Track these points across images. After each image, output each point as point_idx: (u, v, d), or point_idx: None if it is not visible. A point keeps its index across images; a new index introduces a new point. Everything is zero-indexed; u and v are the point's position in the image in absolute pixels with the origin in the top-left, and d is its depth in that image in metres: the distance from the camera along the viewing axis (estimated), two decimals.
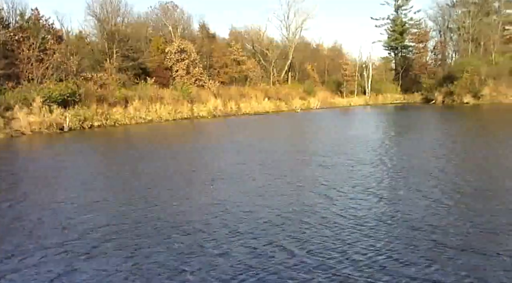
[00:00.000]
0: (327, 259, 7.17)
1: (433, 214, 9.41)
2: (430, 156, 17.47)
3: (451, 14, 72.75)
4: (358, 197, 11.01)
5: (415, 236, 8.10)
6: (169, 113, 43.74)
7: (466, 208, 9.74)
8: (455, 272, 6.54)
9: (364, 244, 7.79)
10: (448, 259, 7.04)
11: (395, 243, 7.81)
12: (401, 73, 77.65)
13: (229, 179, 13.82)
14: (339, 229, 8.67)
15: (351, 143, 22.41)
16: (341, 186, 12.25)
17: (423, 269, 6.69)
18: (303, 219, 9.40)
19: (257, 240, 8.18)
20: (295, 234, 8.45)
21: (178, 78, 50.66)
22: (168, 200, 11.49)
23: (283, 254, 7.48)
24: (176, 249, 7.92)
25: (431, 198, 10.72)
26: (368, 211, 9.76)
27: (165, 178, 14.43)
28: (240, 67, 62.13)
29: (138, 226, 9.31)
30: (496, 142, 21.38)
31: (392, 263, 6.94)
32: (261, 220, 9.41)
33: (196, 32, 63.74)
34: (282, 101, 58.33)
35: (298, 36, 73.21)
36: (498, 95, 59.72)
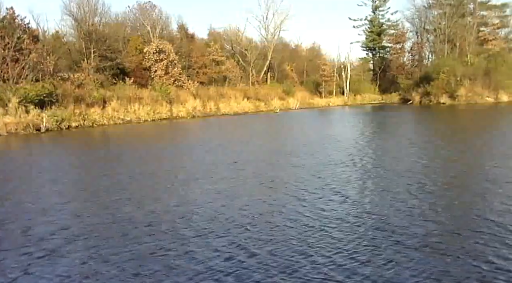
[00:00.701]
0: (286, 260, 7.27)
1: (397, 214, 9.57)
2: (400, 156, 17.75)
3: (428, 15, 73.81)
4: (326, 198, 11.13)
5: (377, 236, 8.23)
6: (147, 114, 43.68)
7: (430, 209, 9.88)
8: (411, 272, 6.67)
9: (326, 244, 7.92)
10: (406, 258, 7.17)
11: (356, 242, 7.93)
12: (379, 74, 78.57)
13: (201, 180, 13.91)
14: (304, 229, 8.77)
15: (326, 143, 22.64)
16: (311, 187, 12.39)
17: (379, 268, 6.83)
18: (269, 219, 9.51)
19: (220, 241, 8.25)
20: (258, 234, 8.55)
21: (156, 79, 50.60)
22: (138, 201, 11.51)
23: (244, 255, 7.56)
24: (138, 251, 7.93)
25: (396, 198, 10.89)
26: (334, 212, 9.89)
27: (137, 179, 14.43)
28: (219, 68, 62.24)
29: (103, 228, 9.31)
30: (466, 142, 21.78)
31: (350, 262, 7.07)
32: (227, 220, 9.48)
33: (175, 32, 63.70)
34: (261, 101, 58.64)
35: (277, 36, 73.73)
36: (473, 96, 60.70)
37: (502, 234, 8.12)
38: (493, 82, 60.88)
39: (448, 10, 67.78)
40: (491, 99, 60.87)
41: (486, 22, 72.64)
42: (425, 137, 25.03)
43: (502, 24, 73.71)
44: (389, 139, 24.62)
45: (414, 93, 65.77)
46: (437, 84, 61.53)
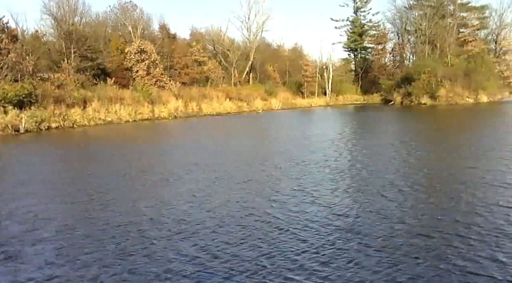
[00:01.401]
0: (248, 262, 7.33)
1: (365, 215, 9.69)
2: (376, 157, 17.90)
3: (409, 16, 74.69)
4: (297, 199, 11.22)
5: (342, 237, 8.31)
6: (129, 114, 43.51)
7: (398, 210, 10.01)
8: (371, 273, 6.76)
9: (290, 245, 7.99)
10: (368, 259, 7.26)
11: (321, 243, 8.01)
12: (361, 74, 79.19)
13: (175, 181, 13.94)
14: (271, 230, 8.85)
15: (304, 144, 22.80)
16: (283, 188, 12.49)
17: (339, 269, 6.92)
18: (237, 221, 9.57)
19: (185, 243, 8.28)
20: (225, 236, 8.59)
21: (138, 79, 50.42)
22: (109, 202, 11.49)
23: (207, 257, 7.60)
24: (101, 253, 7.92)
25: (366, 199, 11.02)
26: (303, 213, 9.97)
27: (110, 180, 14.40)
28: (201, 68, 62.21)
29: (69, 230, 9.29)
30: (443, 143, 22.02)
31: (312, 263, 7.15)
32: (195, 222, 9.52)
33: (157, 32, 63.50)
34: (244, 101, 58.74)
35: (259, 37, 73.95)
36: (454, 96, 61.51)
37: (468, 235, 8.22)
38: (473, 83, 61.75)
39: (428, 11, 68.59)
40: (471, 100, 61.74)
41: (466, 23, 73.72)
42: (403, 138, 25.28)
43: (482, 25, 74.88)
44: (367, 140, 24.82)
45: (395, 93, 66.42)
46: (418, 85, 62.24)
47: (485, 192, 11.35)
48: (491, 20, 75.52)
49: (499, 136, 23.25)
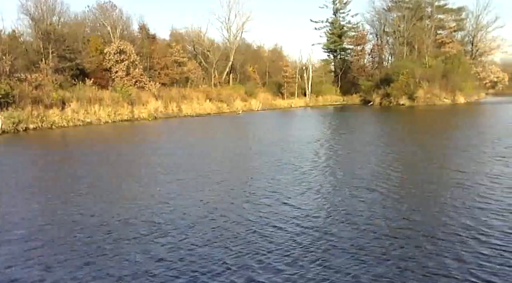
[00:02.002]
0: (214, 263, 7.46)
1: (334, 217, 9.83)
2: (350, 158, 18.23)
3: (387, 18, 75.46)
4: (269, 199, 11.39)
5: (309, 238, 8.47)
6: (108, 115, 43.25)
7: (367, 211, 10.16)
8: (334, 273, 6.94)
9: (259, 246, 8.16)
10: (333, 260, 7.44)
11: (288, 244, 8.19)
12: (340, 75, 79.71)
13: (148, 182, 14.01)
14: (240, 231, 8.99)
15: (282, 144, 22.96)
16: (256, 189, 12.65)
17: (304, 269, 7.09)
18: (207, 222, 9.70)
19: (154, 244, 8.37)
20: (194, 238, 8.69)
21: (117, 80, 50.09)
22: (80, 203, 11.53)
23: (175, 258, 7.71)
24: (66, 256, 7.98)
25: (337, 200, 11.20)
26: (274, 214, 10.14)
27: (84, 181, 14.41)
28: (181, 69, 62.00)
29: (36, 232, 9.34)
30: (418, 143, 22.37)
31: (274, 263, 7.32)
32: (165, 223, 9.64)
33: (136, 32, 63.10)
34: (224, 102, 58.73)
35: (239, 37, 73.88)
36: (432, 97, 62.22)
37: (433, 235, 8.39)
38: (450, 84, 62.57)
39: (406, 13, 69.41)
40: (448, 101, 62.55)
41: (443, 25, 74.76)
42: (380, 139, 25.57)
43: (458, 27, 76.04)
44: (344, 140, 25.07)
45: (374, 94, 67.04)
46: (397, 86, 62.91)
47: (453, 192, 11.63)
48: (467, 22, 76.88)
49: (472, 137, 23.62)
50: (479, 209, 9.91)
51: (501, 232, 8.49)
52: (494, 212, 9.70)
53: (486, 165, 15.22)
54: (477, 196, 11.20)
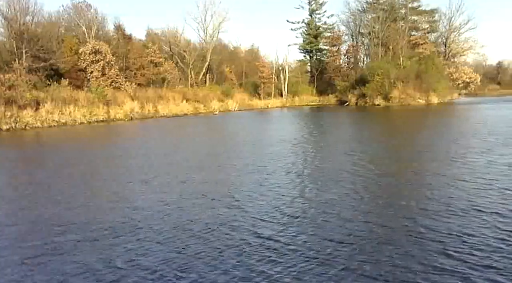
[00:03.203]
0: (163, 264, 7.32)
1: (299, 221, 9.48)
2: (324, 158, 18.24)
3: (362, 19, 76.03)
4: (234, 200, 11.21)
5: (269, 242, 8.19)
6: (84, 116, 42.72)
7: (329, 214, 9.88)
8: (283, 274, 6.81)
9: (219, 246, 8.03)
10: (286, 262, 7.25)
11: (240, 245, 8.03)
12: (316, 76, 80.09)
13: (115, 184, 13.84)
14: (199, 232, 8.85)
15: (255, 145, 23.00)
16: (224, 190, 12.38)
17: (258, 267, 7.04)
18: (163, 224, 9.45)
19: (111, 249, 8.12)
20: (150, 241, 8.47)
21: (93, 80, 49.59)
22: (42, 205, 11.34)
23: (123, 258, 7.60)
24: (20, 259, 7.81)
25: (303, 203, 10.89)
26: (226, 215, 9.94)
27: (57, 184, 14.19)
28: (157, 69, 61.62)
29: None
30: (389, 143, 22.68)
31: (230, 264, 7.21)
32: (129, 225, 9.45)
33: (112, 32, 62.49)
34: (201, 103, 58.58)
35: (215, 38, 73.80)
36: (406, 97, 62.91)
37: (398, 239, 8.14)
38: (424, 84, 63.36)
39: (381, 14, 70.10)
40: (422, 101, 63.34)
41: (417, 26, 75.72)
42: (354, 139, 25.77)
43: (432, 28, 77.09)
44: (317, 141, 25.07)
45: (350, 94, 67.47)
46: (372, 86, 63.45)
47: (420, 192, 11.58)
48: (440, 24, 77.89)
49: (439, 137, 23.74)
50: (433, 211, 9.67)
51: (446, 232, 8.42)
52: (443, 214, 9.50)
53: (450, 165, 15.14)
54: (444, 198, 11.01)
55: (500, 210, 9.43)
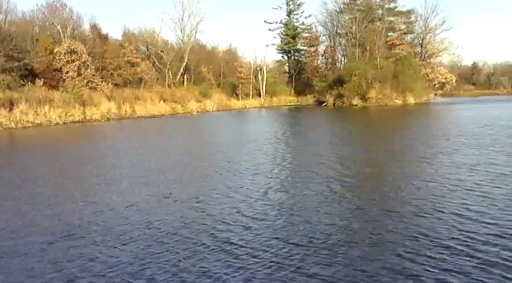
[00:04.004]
0: (118, 274, 7.20)
1: (262, 223, 9.45)
2: (301, 159, 18.30)
3: (340, 20, 76.63)
4: (190, 202, 11.18)
5: (225, 244, 8.18)
6: (59, 116, 42.30)
7: (286, 215, 9.95)
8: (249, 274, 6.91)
9: (161, 250, 8.00)
10: (239, 264, 7.27)
11: (196, 248, 8.03)
12: (294, 76, 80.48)
13: (81, 186, 13.77)
14: (160, 233, 8.87)
15: (233, 146, 22.98)
16: (182, 192, 12.34)
17: (211, 269, 7.08)
18: (122, 227, 9.42)
19: (63, 253, 8.04)
20: (111, 243, 8.45)
21: (68, 80, 49.15)
22: (16, 208, 11.26)
23: (74, 263, 7.56)
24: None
25: (271, 205, 10.85)
26: (188, 217, 9.92)
27: (28, 186, 13.98)
28: (134, 69, 61.29)
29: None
30: (364, 143, 22.96)
31: (183, 267, 7.22)
32: (70, 229, 9.33)
33: (87, 32, 61.96)
34: (178, 103, 58.40)
35: (193, 38, 73.59)
36: (383, 98, 63.53)
37: (356, 241, 8.17)
38: (401, 85, 64.05)
39: (358, 15, 70.71)
40: (399, 101, 64.03)
41: (394, 27, 76.61)
42: (331, 139, 25.90)
43: (408, 29, 78.04)
44: (290, 142, 25.06)
45: (328, 95, 67.90)
46: (350, 87, 63.96)
47: (384, 193, 11.67)
48: (416, 25, 78.80)
49: (414, 137, 24.00)
50: (396, 212, 9.71)
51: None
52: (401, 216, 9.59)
53: (417, 166, 15.28)
54: (401, 198, 11.16)
55: (461, 211, 9.56)
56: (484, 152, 17.17)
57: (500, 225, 8.54)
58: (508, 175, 12.84)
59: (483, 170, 13.66)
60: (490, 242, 7.69)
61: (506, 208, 9.61)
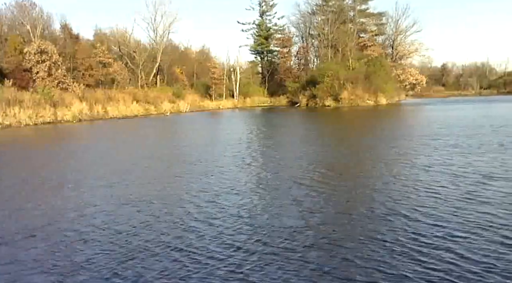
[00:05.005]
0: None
1: (202, 227, 9.36)
2: (264, 160, 18.35)
3: (312, 21, 77.24)
4: (148, 205, 11.09)
5: (185, 247, 8.18)
6: (29, 118, 41.60)
7: (240, 217, 9.90)
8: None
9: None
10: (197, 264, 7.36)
11: (145, 252, 7.98)
12: (268, 77, 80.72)
13: (60, 189, 13.60)
14: (100, 238, 8.80)
15: (205, 147, 22.87)
16: (143, 194, 12.19)
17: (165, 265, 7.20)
18: (74, 226, 9.44)
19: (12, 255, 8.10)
20: (72, 246, 8.37)
21: (39, 80, 48.35)
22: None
23: (34, 261, 7.56)
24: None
25: (235, 207, 10.91)
26: (143, 220, 9.83)
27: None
28: (106, 70, 60.65)
29: None
30: (334, 143, 23.01)
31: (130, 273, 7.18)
32: (22, 232, 9.26)
33: (58, 32, 61.05)
34: (151, 104, 58.02)
35: (166, 39, 73.15)
36: (356, 98, 64.15)
37: (309, 246, 8.09)
38: (373, 86, 64.80)
39: (330, 16, 71.37)
40: (371, 102, 64.75)
41: (365, 29, 77.59)
42: (297, 140, 26.05)
43: (379, 31, 79.12)
44: (259, 144, 25.15)
45: (301, 96, 68.24)
46: (322, 88, 64.39)
47: (341, 196, 11.71)
48: (387, 26, 79.97)
49: (379, 138, 24.29)
50: (351, 215, 9.75)
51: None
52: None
53: (373, 168, 15.46)
54: (359, 200, 11.28)
55: (411, 212, 9.59)
56: (442, 153, 17.44)
57: (448, 227, 8.55)
58: (459, 176, 13.00)
59: (439, 171, 13.87)
60: (436, 245, 7.71)
61: (456, 210, 9.68)
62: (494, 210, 9.45)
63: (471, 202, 10.13)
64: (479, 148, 18.24)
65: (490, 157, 16.06)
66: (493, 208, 9.58)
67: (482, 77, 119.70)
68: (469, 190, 11.20)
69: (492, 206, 9.78)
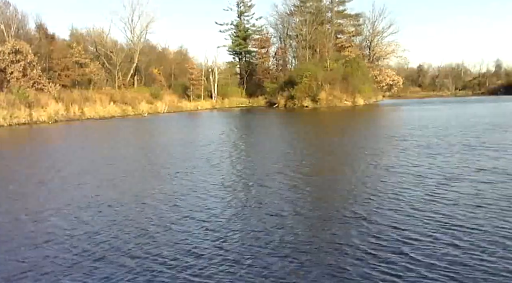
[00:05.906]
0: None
1: (174, 229, 9.40)
2: (250, 161, 18.41)
3: (290, 22, 77.62)
4: (117, 206, 11.10)
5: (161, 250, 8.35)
6: (4, 119, 41.05)
7: (212, 220, 10.06)
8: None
9: (72, 262, 8.03)
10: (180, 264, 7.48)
11: (112, 256, 7.94)
12: (246, 78, 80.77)
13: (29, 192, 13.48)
14: (63, 240, 8.81)
15: (182, 149, 22.80)
16: (110, 196, 12.18)
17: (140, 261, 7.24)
18: (57, 231, 9.29)
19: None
20: (42, 249, 8.36)
21: (13, 81, 47.67)
22: None
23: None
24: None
25: (212, 208, 10.99)
26: (111, 223, 9.80)
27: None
28: (82, 70, 60.05)
29: None
30: (313, 145, 23.16)
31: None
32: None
33: (33, 32, 60.26)
34: (129, 105, 57.57)
35: (143, 39, 72.74)
36: (333, 99, 64.57)
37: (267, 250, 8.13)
38: (350, 86, 65.32)
39: (308, 17, 71.73)
40: (349, 103, 65.23)
41: (343, 30, 78.19)
42: (281, 140, 26.21)
43: (357, 32, 79.79)
44: (237, 144, 25.20)
45: (279, 96, 68.40)
46: (300, 88, 64.63)
47: (305, 199, 11.79)
48: (365, 28, 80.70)
49: (350, 140, 24.55)
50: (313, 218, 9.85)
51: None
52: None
53: (342, 171, 15.54)
54: (322, 204, 11.34)
55: (373, 215, 9.68)
56: (410, 154, 17.66)
57: (408, 229, 8.62)
58: (424, 176, 13.17)
59: (403, 172, 14.02)
60: (393, 248, 7.75)
61: (415, 211, 9.80)
62: (453, 211, 9.59)
63: (431, 204, 10.26)
64: (448, 149, 18.54)
65: (457, 157, 16.32)
66: (452, 210, 9.71)
67: (457, 78, 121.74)
68: (430, 192, 11.33)
69: (452, 207, 9.91)
